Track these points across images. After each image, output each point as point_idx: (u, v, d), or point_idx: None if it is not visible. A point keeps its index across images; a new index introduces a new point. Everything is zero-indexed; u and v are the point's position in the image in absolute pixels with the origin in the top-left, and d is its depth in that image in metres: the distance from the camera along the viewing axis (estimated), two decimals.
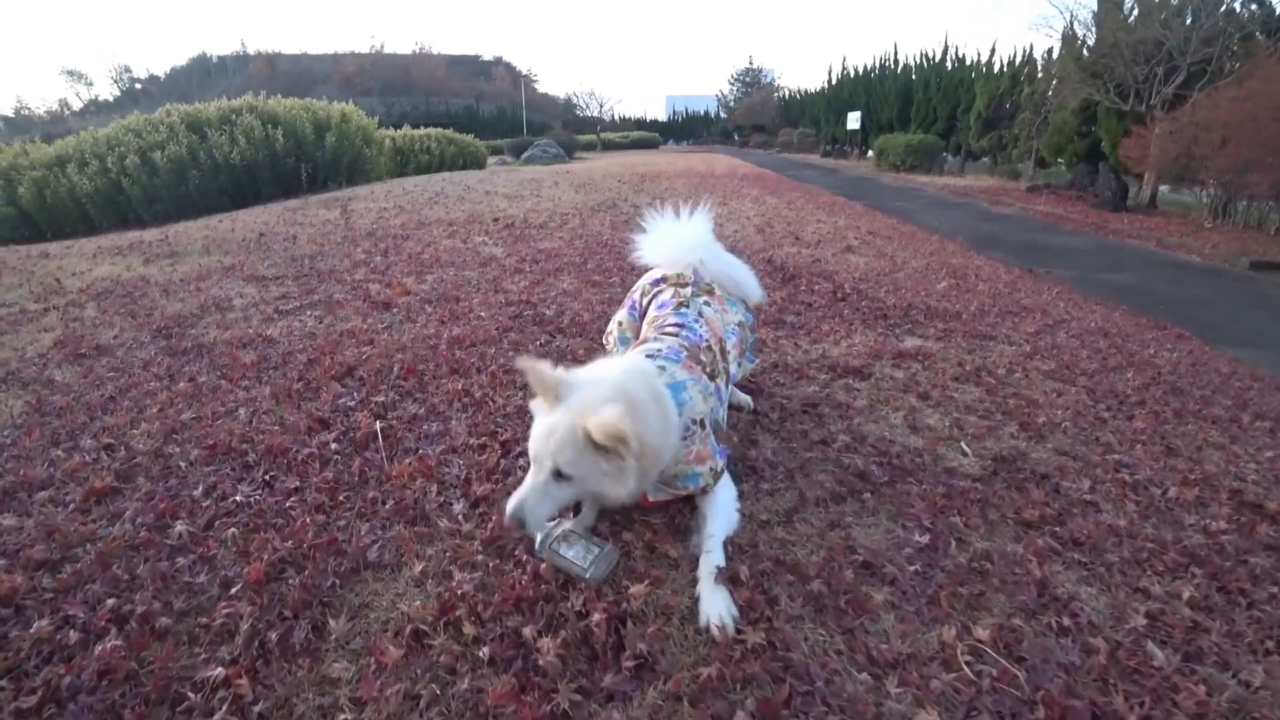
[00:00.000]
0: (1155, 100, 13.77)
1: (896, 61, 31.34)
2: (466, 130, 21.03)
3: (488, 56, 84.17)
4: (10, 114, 60.17)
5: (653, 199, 9.62)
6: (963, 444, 2.46)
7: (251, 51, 68.44)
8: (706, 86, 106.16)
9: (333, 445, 2.11)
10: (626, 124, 64.56)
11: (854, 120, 32.34)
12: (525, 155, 30.74)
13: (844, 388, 2.85)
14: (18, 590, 1.56)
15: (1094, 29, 15.86)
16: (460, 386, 2.44)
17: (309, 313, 3.51)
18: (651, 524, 1.78)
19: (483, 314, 3.36)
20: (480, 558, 1.62)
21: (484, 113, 57.97)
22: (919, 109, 27.59)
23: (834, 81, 37.81)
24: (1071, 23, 16.60)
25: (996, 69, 23.38)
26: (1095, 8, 15.79)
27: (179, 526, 1.75)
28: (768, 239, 6.72)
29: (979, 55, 25.74)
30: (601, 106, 57.98)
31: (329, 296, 3.78)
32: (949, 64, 26.77)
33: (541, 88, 75.34)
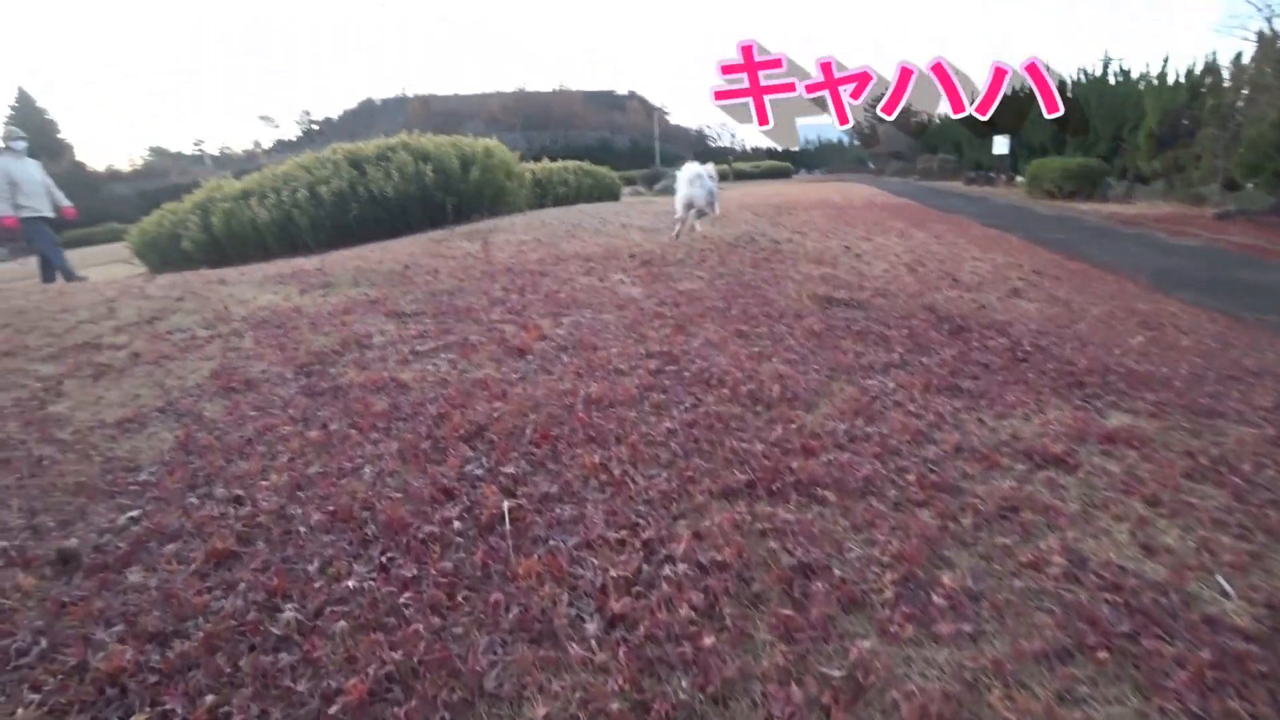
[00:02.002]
0: None
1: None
2: (601, 162, 21.50)
3: (622, 91, 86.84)
4: (216, 153, 70.49)
5: (791, 233, 9.17)
6: (1220, 578, 1.88)
7: (410, 94, 74.76)
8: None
9: (456, 524, 1.90)
10: (758, 154, 64.12)
11: (1001, 145, 30.06)
12: (658, 186, 31.27)
13: (1046, 483, 2.33)
14: (125, 668, 1.46)
15: None
16: (597, 460, 2.18)
17: (443, 355, 3.42)
18: None
19: (622, 366, 3.11)
20: (616, 705, 1.32)
21: (618, 145, 60.02)
22: (1077, 130, 25.20)
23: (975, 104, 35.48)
24: (1270, 21, 14.43)
25: (1171, 81, 20.82)
26: None
27: (288, 611, 1.59)
28: (922, 280, 6.11)
29: (1148, 68, 23.07)
30: (733, 137, 57.93)
31: (464, 338, 3.69)
32: (1111, 79, 24.26)
33: (674, 119, 76.63)
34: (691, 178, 7.47)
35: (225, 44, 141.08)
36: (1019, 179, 29.59)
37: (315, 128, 72.53)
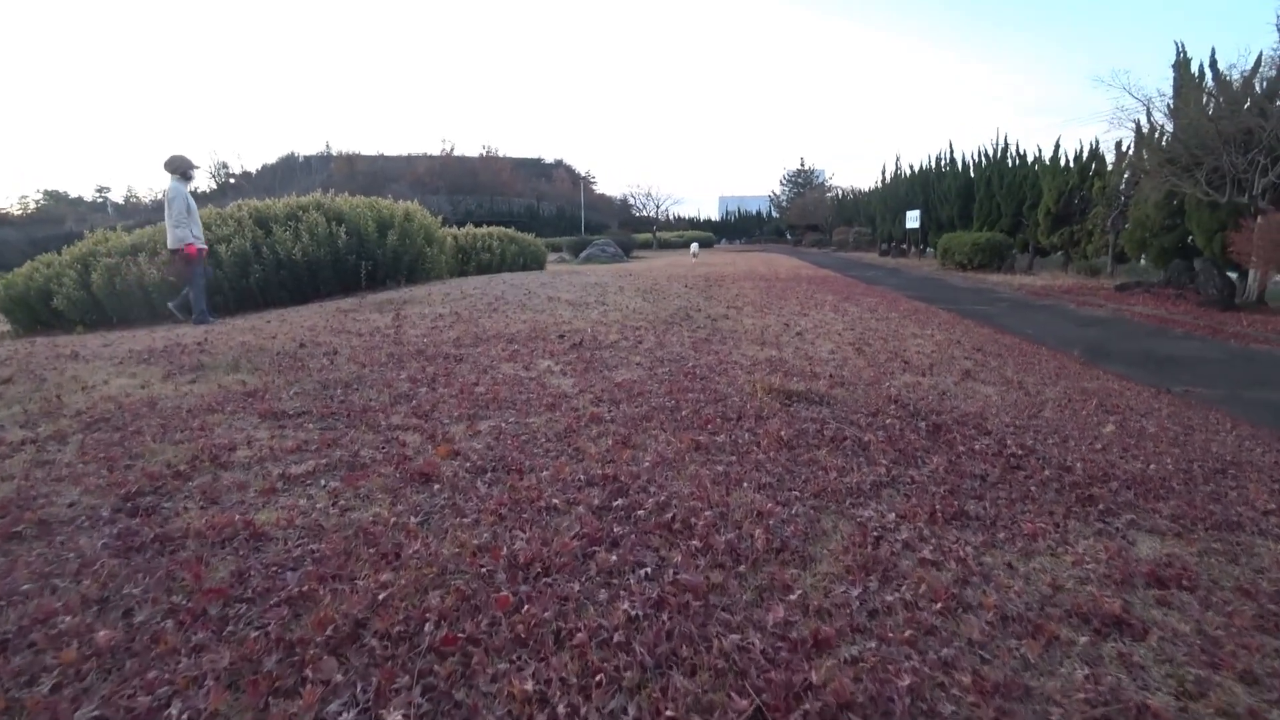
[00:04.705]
0: (1259, 189, 12.66)
1: (953, 160, 30.89)
2: (528, 228, 21.08)
3: (549, 159, 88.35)
4: (120, 201, 66.09)
5: (726, 308, 8.82)
6: None
7: (335, 152, 73.13)
8: (758, 187, 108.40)
9: None
10: (681, 223, 65.89)
11: (913, 219, 31.86)
12: (584, 254, 31.33)
13: (1121, 662, 1.78)
14: None
15: (1170, 118, 15.01)
16: (530, 687, 1.47)
17: (323, 482, 2.64)
18: None
19: (557, 500, 2.41)
20: None
21: (544, 212, 60.60)
22: (981, 206, 26.84)
23: (888, 180, 37.61)
24: (1149, 113, 15.74)
25: (1062, 164, 22.57)
26: (1172, 98, 14.99)
27: None
28: (873, 363, 5.74)
29: (1039, 151, 25.20)
30: (658, 207, 59.14)
31: (354, 454, 2.91)
32: (1009, 161, 26.13)
33: (599, 188, 77.98)
34: (693, 242, 37.68)
35: (139, 83, 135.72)
36: (929, 250, 31.17)
37: (232, 181, 69.43)
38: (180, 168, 8.35)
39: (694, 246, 32.60)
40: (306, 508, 2.38)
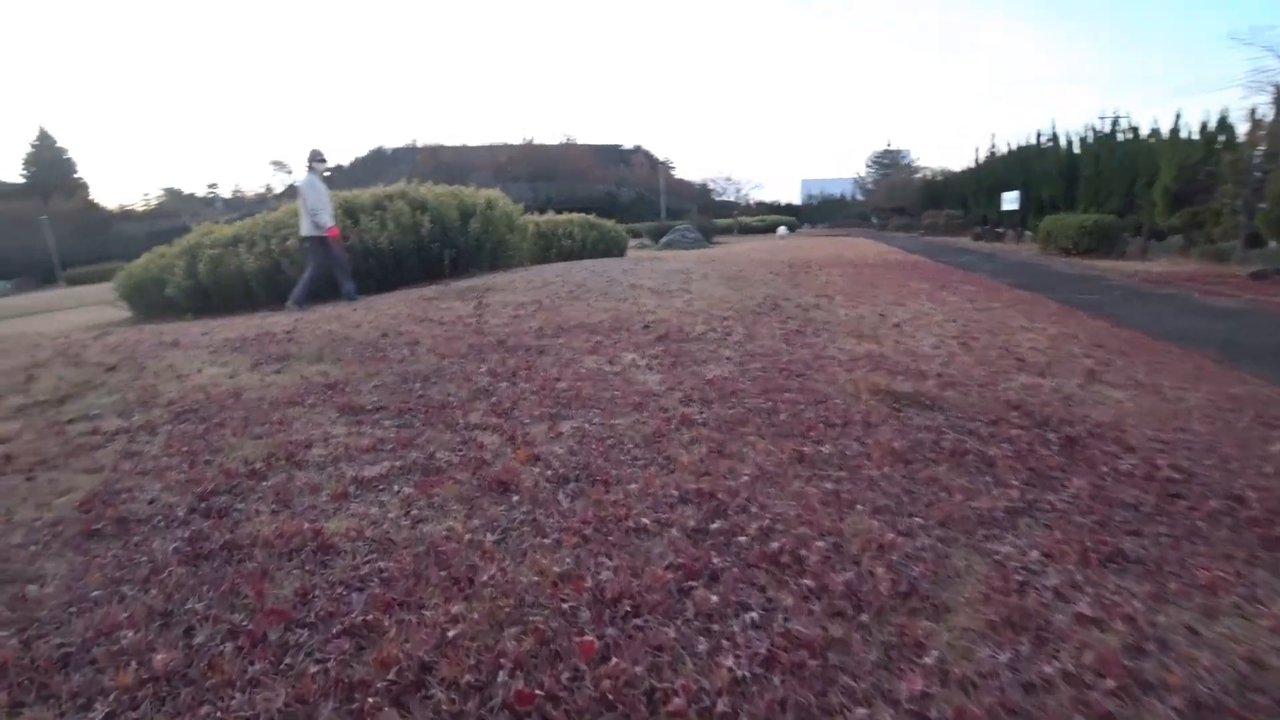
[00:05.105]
0: None
1: (1055, 136, 28.64)
2: (607, 214, 21.01)
3: (628, 145, 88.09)
4: (229, 196, 72.26)
5: (816, 296, 8.35)
6: None
7: (420, 144, 75.95)
8: (841, 169, 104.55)
9: None
10: (762, 208, 64.43)
11: (1010, 201, 29.77)
12: (665, 240, 31.23)
13: None
14: None
15: None
16: None
17: (396, 487, 2.49)
18: None
19: (646, 520, 2.17)
20: None
21: (623, 198, 60.83)
22: (1088, 186, 24.67)
23: (982, 160, 35.40)
24: None
25: (1183, 136, 20.30)
26: None
27: None
28: (982, 360, 5.22)
29: (1156, 121, 22.84)
30: (739, 191, 57.99)
31: (430, 456, 2.77)
32: (1119, 136, 23.87)
33: (678, 174, 77.12)
34: (780, 226, 48.33)
35: (244, 87, 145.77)
36: (1027, 234, 29.18)
37: (328, 174, 73.37)
38: (319, 159, 9.20)
39: (781, 229, 38.99)
40: (378, 517, 2.24)
